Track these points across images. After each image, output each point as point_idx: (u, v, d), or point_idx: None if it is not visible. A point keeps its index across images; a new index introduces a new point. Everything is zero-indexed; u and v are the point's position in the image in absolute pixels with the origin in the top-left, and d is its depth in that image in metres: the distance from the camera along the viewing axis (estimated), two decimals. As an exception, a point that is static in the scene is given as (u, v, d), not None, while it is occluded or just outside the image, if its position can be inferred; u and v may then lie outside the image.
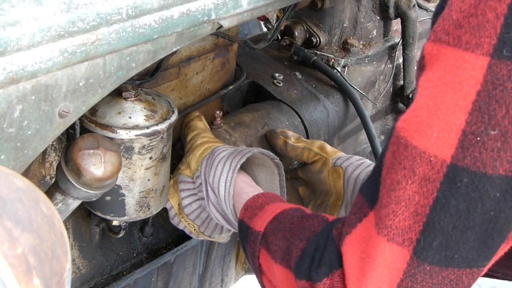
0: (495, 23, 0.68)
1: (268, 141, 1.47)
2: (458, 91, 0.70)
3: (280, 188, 1.30)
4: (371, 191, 0.81)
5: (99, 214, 1.24)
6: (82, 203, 1.11)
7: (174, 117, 1.20)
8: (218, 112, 1.42)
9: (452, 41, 0.71)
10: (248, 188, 1.18)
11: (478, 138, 0.70)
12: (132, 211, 1.24)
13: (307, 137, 1.60)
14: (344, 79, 1.77)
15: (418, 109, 0.74)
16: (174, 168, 1.40)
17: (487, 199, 0.71)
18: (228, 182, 1.20)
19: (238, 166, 1.20)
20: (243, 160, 1.21)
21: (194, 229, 1.35)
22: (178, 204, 1.34)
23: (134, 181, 1.20)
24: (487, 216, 0.72)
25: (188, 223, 1.34)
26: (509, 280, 1.08)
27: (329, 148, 1.42)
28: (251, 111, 1.53)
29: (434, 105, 0.72)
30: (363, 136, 1.89)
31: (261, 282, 1.04)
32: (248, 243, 1.04)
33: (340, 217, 0.93)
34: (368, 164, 1.38)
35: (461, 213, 0.72)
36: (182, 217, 1.34)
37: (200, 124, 1.36)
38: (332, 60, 1.80)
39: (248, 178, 1.24)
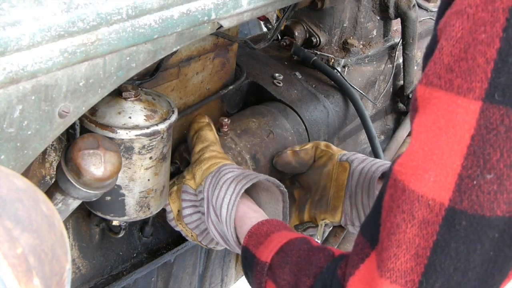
0: (486, 67, 0.69)
1: (277, 165, 1.47)
2: (453, 135, 0.72)
3: (283, 215, 1.30)
4: (372, 232, 0.82)
5: (99, 214, 1.24)
6: (82, 203, 1.11)
7: (174, 117, 1.20)
8: (226, 120, 1.42)
9: (444, 85, 0.73)
10: (251, 213, 1.19)
11: (475, 182, 0.71)
12: (132, 211, 1.24)
13: (307, 137, 1.60)
14: (344, 79, 1.77)
15: (414, 153, 0.75)
16: (175, 167, 1.40)
17: (486, 240, 0.73)
18: (231, 206, 1.20)
19: (243, 191, 1.20)
20: (249, 185, 1.21)
21: (191, 235, 1.35)
22: (178, 210, 1.34)
23: (134, 181, 1.20)
24: (487, 256, 0.74)
25: (186, 230, 1.35)
26: None
27: (334, 147, 1.46)
28: (258, 116, 1.52)
29: (430, 149, 0.74)
30: (363, 136, 1.89)
31: None
32: (253, 272, 1.04)
33: (344, 253, 0.95)
34: (371, 160, 1.40)
35: (461, 255, 0.74)
36: (180, 223, 1.34)
37: (210, 135, 1.35)
38: (332, 60, 1.80)
39: (251, 202, 1.25)
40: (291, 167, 1.46)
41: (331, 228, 1.75)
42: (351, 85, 1.77)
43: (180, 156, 1.41)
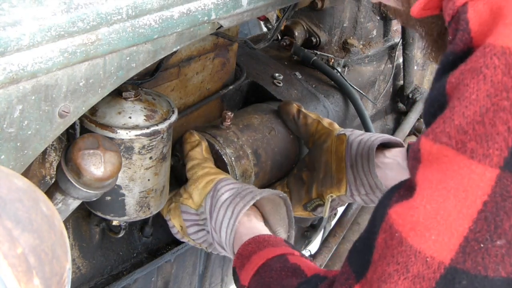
0: (507, 136, 0.67)
1: (280, 111, 1.50)
2: (462, 199, 0.70)
3: (288, 219, 1.31)
4: (359, 264, 0.81)
5: (99, 214, 1.24)
6: (82, 203, 1.11)
7: (174, 117, 1.20)
8: (229, 113, 1.42)
9: (456, 145, 0.70)
10: (247, 232, 1.19)
11: (482, 245, 0.70)
12: (132, 211, 1.24)
13: None
14: (344, 79, 1.77)
15: (415, 208, 0.73)
16: (176, 160, 1.40)
17: None
18: (230, 230, 1.21)
19: (241, 215, 1.21)
20: (246, 208, 1.21)
21: (200, 246, 1.37)
22: (181, 226, 1.35)
23: (134, 181, 1.20)
24: None
25: (194, 242, 1.36)
26: None
27: (336, 125, 1.48)
28: (260, 113, 1.53)
29: (433, 209, 0.72)
30: (363, 136, 1.89)
31: None
32: None
33: (321, 273, 0.95)
34: (369, 134, 1.42)
35: None
36: (187, 237, 1.36)
37: (200, 153, 1.35)
38: (332, 60, 1.80)
39: (253, 216, 1.25)
40: (288, 121, 1.49)
41: (336, 217, 1.75)
42: (351, 85, 1.77)
43: (181, 148, 1.42)
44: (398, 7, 0.95)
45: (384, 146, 1.41)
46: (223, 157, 1.37)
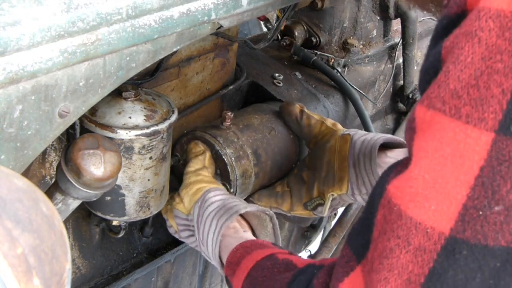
0: (501, 99, 0.67)
1: (282, 111, 1.50)
2: (459, 165, 0.69)
3: (274, 237, 1.32)
4: (359, 245, 0.81)
5: (99, 214, 1.24)
6: (82, 203, 1.11)
7: (174, 117, 1.20)
8: (229, 113, 1.42)
9: (449, 111, 0.69)
10: (234, 241, 1.19)
11: (480, 213, 0.69)
12: (132, 211, 1.24)
13: None
14: (344, 79, 1.77)
15: (413, 179, 0.73)
16: (176, 159, 1.41)
17: (486, 269, 0.71)
18: (214, 243, 1.22)
19: (223, 228, 1.22)
20: (229, 221, 1.22)
21: (195, 247, 1.37)
22: (176, 228, 1.37)
23: (134, 181, 1.20)
24: (486, 284, 0.72)
25: (190, 244, 1.37)
26: None
27: (340, 125, 1.48)
28: (260, 112, 1.53)
29: (431, 178, 0.71)
30: (363, 136, 1.89)
31: None
32: None
33: (316, 263, 0.94)
34: (373, 134, 1.41)
35: (459, 283, 0.72)
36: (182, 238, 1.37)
37: (198, 161, 1.36)
38: (332, 60, 1.80)
39: (240, 227, 1.25)
40: (291, 122, 1.48)
41: (336, 219, 1.75)
42: (351, 85, 1.77)
43: (181, 148, 1.42)
44: None
45: (387, 146, 1.41)
46: (223, 157, 1.37)
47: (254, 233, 1.31)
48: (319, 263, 0.94)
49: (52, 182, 1.18)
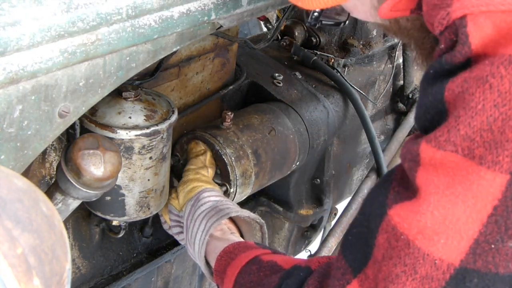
0: None
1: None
2: (472, 205, 0.70)
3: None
4: (355, 259, 0.82)
5: (99, 214, 1.24)
6: (82, 203, 1.11)
7: (174, 117, 1.20)
8: (229, 113, 1.42)
9: (462, 152, 0.70)
10: (220, 246, 1.19)
11: (493, 246, 0.70)
12: (132, 211, 1.23)
13: (308, 137, 1.60)
14: (344, 79, 1.77)
15: (422, 214, 0.74)
16: (175, 159, 1.41)
17: None
18: (201, 243, 1.22)
19: (211, 229, 1.22)
20: (217, 223, 1.22)
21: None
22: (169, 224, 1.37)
23: (134, 181, 1.20)
24: None
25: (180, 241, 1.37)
26: None
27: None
28: (260, 113, 1.53)
29: (442, 215, 0.72)
30: (363, 136, 1.89)
31: None
32: None
33: (301, 264, 0.95)
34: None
35: None
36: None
37: (198, 160, 1.37)
38: (332, 60, 1.80)
39: (228, 230, 1.25)
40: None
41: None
42: (351, 85, 1.77)
43: (181, 148, 1.42)
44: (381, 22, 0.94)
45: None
46: (223, 157, 1.37)
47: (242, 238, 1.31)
48: (305, 264, 0.95)
49: (52, 182, 1.18)
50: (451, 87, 0.71)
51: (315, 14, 1.00)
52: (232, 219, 1.29)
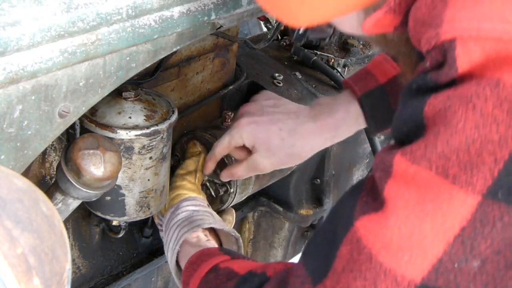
0: (493, 167, 0.66)
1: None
2: (440, 223, 0.69)
3: None
4: (315, 268, 0.81)
5: (99, 214, 1.24)
6: (82, 203, 1.11)
7: (174, 117, 1.20)
8: (229, 113, 1.42)
9: (435, 169, 0.69)
10: (192, 253, 1.18)
11: (456, 265, 0.70)
12: (132, 211, 1.24)
13: None
14: (344, 79, 1.77)
15: (388, 228, 0.72)
16: (176, 159, 1.41)
17: None
18: (172, 251, 1.23)
19: (181, 240, 1.22)
20: (188, 234, 1.22)
21: None
22: None
23: (134, 181, 1.20)
24: None
25: None
26: None
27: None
28: None
29: (409, 231, 0.71)
30: (363, 135, 1.89)
31: None
32: None
33: (260, 271, 0.94)
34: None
35: None
36: None
37: (191, 164, 1.37)
38: (332, 60, 1.79)
39: (203, 237, 1.25)
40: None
41: None
42: (351, 85, 1.77)
43: (181, 148, 1.42)
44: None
45: None
46: (223, 157, 1.37)
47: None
48: (261, 271, 0.94)
49: (52, 182, 1.18)
50: (432, 102, 0.70)
51: (301, 30, 1.00)
52: (212, 229, 1.28)
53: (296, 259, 1.34)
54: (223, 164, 1.37)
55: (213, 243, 1.25)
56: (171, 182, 1.35)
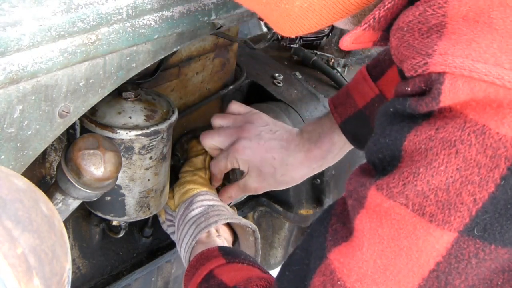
0: (471, 207, 0.66)
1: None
2: (415, 259, 0.70)
3: (255, 250, 1.31)
4: None
5: (99, 214, 1.24)
6: (82, 203, 1.11)
7: (174, 117, 1.20)
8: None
9: (412, 207, 0.69)
10: (197, 252, 1.19)
11: None
12: (132, 211, 1.24)
13: None
14: (344, 79, 1.77)
15: (363, 261, 0.73)
16: (176, 159, 1.41)
17: None
18: (187, 247, 1.23)
19: (199, 235, 1.22)
20: (206, 230, 1.22)
21: None
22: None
23: (134, 181, 1.20)
24: None
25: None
26: None
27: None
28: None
29: (384, 264, 0.71)
30: (363, 136, 1.89)
31: None
32: None
33: (243, 284, 0.96)
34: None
35: None
36: None
37: (198, 161, 1.37)
38: (332, 60, 1.80)
39: (215, 233, 1.25)
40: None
41: None
42: (351, 85, 1.77)
43: (181, 148, 1.42)
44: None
45: None
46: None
47: (237, 241, 1.31)
48: (244, 285, 0.95)
49: (52, 182, 1.18)
50: (413, 140, 0.69)
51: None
52: (228, 223, 1.29)
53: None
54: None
55: (223, 239, 1.25)
56: (181, 178, 1.34)
